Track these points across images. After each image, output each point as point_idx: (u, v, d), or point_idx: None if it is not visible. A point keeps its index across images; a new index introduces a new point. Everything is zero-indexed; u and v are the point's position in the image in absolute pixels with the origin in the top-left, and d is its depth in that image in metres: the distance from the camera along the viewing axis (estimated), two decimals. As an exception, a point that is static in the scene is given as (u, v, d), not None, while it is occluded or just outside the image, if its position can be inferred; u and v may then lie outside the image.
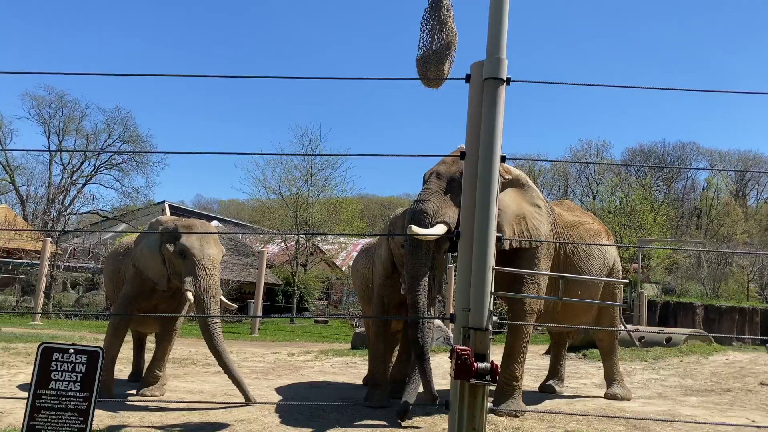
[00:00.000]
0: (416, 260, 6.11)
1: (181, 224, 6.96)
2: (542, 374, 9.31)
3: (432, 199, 6.12)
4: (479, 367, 3.10)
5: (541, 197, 6.99)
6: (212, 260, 6.69)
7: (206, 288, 6.55)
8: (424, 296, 6.07)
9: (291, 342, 17.03)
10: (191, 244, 6.64)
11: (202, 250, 6.66)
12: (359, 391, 7.95)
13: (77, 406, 2.97)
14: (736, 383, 9.61)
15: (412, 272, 6.10)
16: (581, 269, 7.18)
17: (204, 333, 6.47)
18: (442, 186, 6.19)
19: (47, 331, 15.76)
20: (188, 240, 6.67)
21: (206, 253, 6.67)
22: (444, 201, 6.04)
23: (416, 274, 6.09)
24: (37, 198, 35.49)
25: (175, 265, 6.72)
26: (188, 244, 6.64)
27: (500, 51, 3.42)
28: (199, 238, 6.72)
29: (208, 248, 6.72)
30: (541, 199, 6.96)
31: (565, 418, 6.21)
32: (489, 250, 3.37)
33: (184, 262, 6.63)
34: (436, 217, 6.01)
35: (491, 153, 3.40)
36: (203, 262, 6.60)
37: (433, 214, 6.03)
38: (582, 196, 52.02)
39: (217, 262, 6.80)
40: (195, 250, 6.62)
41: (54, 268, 22.67)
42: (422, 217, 5.99)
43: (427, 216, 6.01)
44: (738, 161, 54.70)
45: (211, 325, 6.38)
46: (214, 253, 6.75)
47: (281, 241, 31.50)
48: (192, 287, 6.52)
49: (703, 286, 33.86)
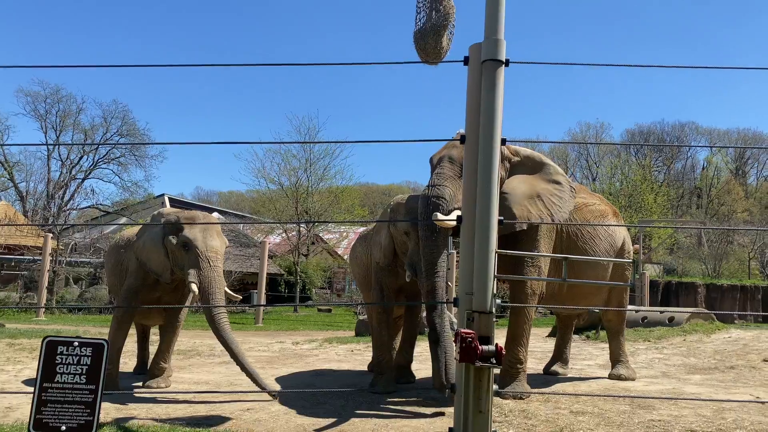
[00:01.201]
0: (434, 246, 6.02)
1: (183, 216, 6.94)
2: (546, 357, 9.34)
3: (447, 184, 6.04)
4: (484, 350, 3.11)
5: (561, 173, 6.83)
6: (215, 252, 6.68)
7: (210, 280, 6.53)
8: (442, 282, 6.03)
9: (295, 331, 17.08)
10: (194, 236, 6.63)
11: (206, 242, 6.65)
12: (364, 378, 7.97)
13: (84, 399, 2.98)
14: (739, 360, 9.64)
15: (430, 258, 6.01)
16: (586, 251, 7.12)
17: (211, 325, 6.47)
18: (455, 171, 6.08)
19: (51, 326, 15.80)
20: (191, 232, 6.65)
21: (209, 245, 6.65)
22: (459, 186, 5.89)
23: (434, 260, 6.01)
24: (36, 194, 35.41)
25: (178, 257, 6.71)
26: (191, 236, 6.63)
27: (498, 32, 3.38)
28: (202, 230, 6.70)
29: (211, 240, 6.70)
30: (562, 175, 6.79)
31: (570, 399, 6.24)
32: (491, 234, 3.36)
33: (187, 254, 6.63)
34: (453, 202, 5.93)
35: (491, 136, 3.38)
36: (207, 253, 6.59)
37: (450, 199, 5.95)
38: (582, 179, 51.94)
39: (221, 253, 6.79)
40: (198, 242, 6.61)
41: (56, 264, 22.70)
42: (440, 203, 5.92)
43: (445, 201, 5.93)
44: (737, 139, 54.54)
45: (217, 317, 6.37)
46: (217, 245, 6.74)
47: (282, 231, 31.51)
48: (196, 279, 6.52)
49: (704, 265, 33.91)
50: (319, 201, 29.82)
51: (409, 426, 5.39)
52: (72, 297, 22.96)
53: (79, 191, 34.03)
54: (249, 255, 27.84)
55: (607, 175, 45.70)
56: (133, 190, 34.65)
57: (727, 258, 34.76)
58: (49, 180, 34.31)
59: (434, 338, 5.96)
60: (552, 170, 6.77)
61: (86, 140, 33.96)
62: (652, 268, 31.86)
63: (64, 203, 32.68)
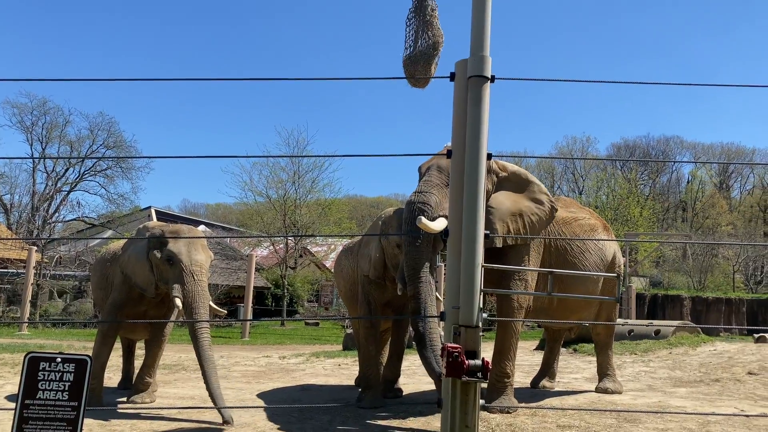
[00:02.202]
0: (417, 253, 6.03)
1: (168, 230, 6.91)
2: (533, 370, 9.35)
3: (434, 191, 6.07)
4: (470, 365, 3.11)
5: (545, 192, 6.93)
6: (200, 266, 6.64)
7: (194, 294, 6.49)
8: (426, 287, 6.01)
9: (282, 345, 16.98)
10: (178, 250, 6.59)
11: (190, 256, 6.60)
12: (351, 393, 7.94)
13: (66, 416, 2.94)
14: (725, 373, 9.70)
15: (413, 264, 6.01)
16: (575, 265, 7.16)
17: (192, 339, 6.41)
18: (443, 179, 6.11)
19: (34, 340, 15.58)
20: (175, 246, 6.61)
21: (194, 259, 6.61)
22: (445, 195, 5.95)
23: (417, 266, 6.01)
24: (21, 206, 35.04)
25: (162, 271, 6.66)
26: (175, 250, 6.59)
27: (484, 48, 3.42)
28: (187, 244, 6.67)
29: (195, 254, 6.66)
30: (545, 194, 6.89)
31: (557, 413, 6.24)
32: (477, 248, 3.37)
33: (171, 268, 6.58)
34: (438, 210, 5.96)
35: (477, 151, 3.41)
36: (191, 268, 6.55)
37: (435, 206, 5.97)
38: (568, 192, 52.26)
39: (205, 267, 6.75)
40: (182, 256, 6.57)
41: (40, 277, 22.42)
42: (425, 209, 5.93)
43: (430, 208, 5.95)
44: (721, 153, 55.22)
45: (198, 332, 6.30)
46: (201, 259, 6.70)
47: (270, 244, 31.37)
48: (180, 294, 6.47)
49: (690, 277, 34.18)
50: (307, 214, 29.75)
51: (396, 441, 5.36)
52: (56, 311, 22.66)
53: (65, 204, 33.74)
54: (236, 268, 27.66)
55: (593, 188, 46.03)
56: (120, 203, 34.35)
57: (712, 271, 35.07)
58: (34, 192, 33.97)
59: (418, 339, 5.93)
60: (536, 189, 6.88)
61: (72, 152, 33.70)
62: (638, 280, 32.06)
63: (49, 216, 32.37)
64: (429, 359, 5.78)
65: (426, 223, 5.54)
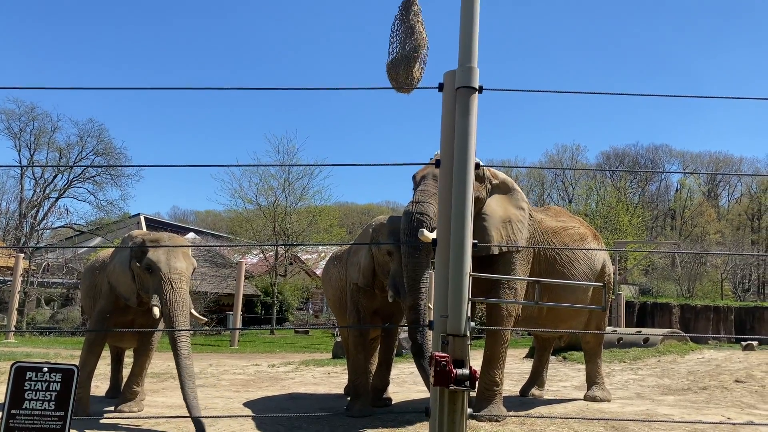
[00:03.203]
0: (416, 263, 6.07)
1: (148, 239, 6.87)
2: (522, 378, 9.37)
3: (431, 201, 6.11)
4: (458, 374, 3.11)
5: (526, 200, 7.08)
6: (179, 274, 6.55)
7: (172, 302, 6.39)
8: (425, 298, 6.07)
9: (271, 353, 16.91)
10: (157, 258, 6.51)
11: (169, 264, 6.52)
12: (340, 402, 7.92)
13: (52, 426, 2.92)
14: (712, 381, 9.77)
15: (413, 275, 6.05)
16: (564, 274, 7.21)
17: (172, 347, 6.34)
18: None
19: (21, 349, 15.43)
20: (155, 254, 6.53)
21: (173, 267, 6.53)
22: None
23: (417, 276, 6.06)
24: (8, 213, 34.76)
25: (143, 280, 6.60)
26: (154, 259, 6.51)
27: (472, 60, 3.45)
28: (166, 252, 6.58)
29: (175, 262, 6.58)
30: (526, 203, 7.04)
31: (545, 422, 6.26)
32: (465, 257, 3.39)
33: (151, 276, 6.51)
34: (436, 220, 6.00)
35: (465, 161, 3.43)
36: (169, 276, 6.47)
37: (434, 216, 6.00)
38: (558, 200, 52.53)
39: (186, 275, 6.65)
40: (161, 264, 6.49)
41: (27, 284, 22.24)
42: (423, 219, 5.97)
43: (429, 218, 5.99)
44: (709, 162, 55.73)
45: (177, 340, 6.21)
46: (181, 267, 6.61)
47: (260, 252, 31.27)
48: (158, 302, 6.40)
49: (678, 286, 34.38)
50: (297, 221, 29.70)
51: (384, 450, 5.36)
52: (43, 318, 22.45)
53: (53, 210, 33.49)
54: (225, 276, 27.54)
55: (582, 196, 46.34)
56: (109, 210, 34.13)
57: (701, 279, 35.31)
58: (22, 199, 33.72)
59: (416, 350, 6.01)
60: (519, 197, 7.03)
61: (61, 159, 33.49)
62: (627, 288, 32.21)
63: (37, 222, 32.13)
64: (427, 371, 5.81)
65: (427, 235, 5.58)
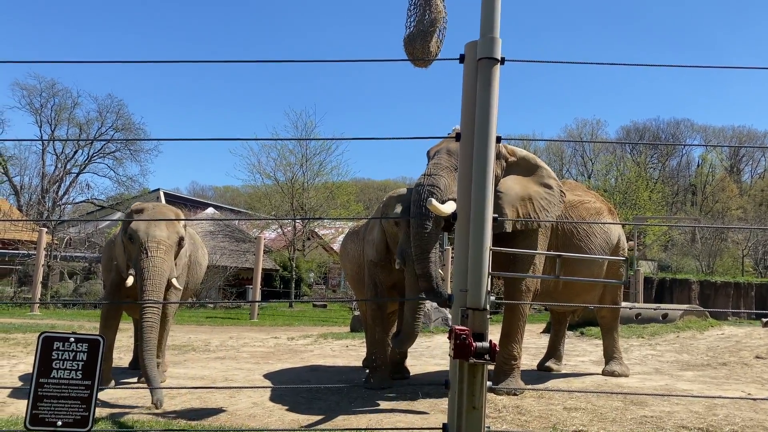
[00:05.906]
0: (425, 234, 6.01)
1: (134, 209, 6.91)
2: (540, 353, 9.39)
3: (443, 174, 6.06)
4: (478, 347, 3.12)
5: (553, 176, 6.94)
6: (157, 242, 6.47)
7: (144, 269, 6.33)
8: (435, 266, 6.04)
9: (290, 326, 17.10)
10: (137, 227, 6.48)
11: (147, 232, 6.46)
12: (359, 374, 8.01)
13: (80, 394, 2.99)
14: (732, 357, 9.71)
15: (422, 244, 5.98)
16: (581, 248, 7.18)
17: (138, 318, 6.33)
18: (452, 162, 6.07)
19: (46, 321, 15.77)
20: (135, 223, 6.51)
21: (151, 235, 6.45)
22: (454, 178, 5.92)
23: (426, 246, 5.99)
24: (31, 188, 35.28)
25: (129, 250, 6.60)
26: (134, 227, 6.48)
27: (494, 30, 3.39)
28: (147, 221, 6.56)
29: (154, 230, 6.50)
30: (554, 179, 6.90)
31: (563, 395, 6.28)
32: (485, 231, 3.38)
33: (132, 245, 6.52)
34: (447, 192, 5.96)
35: (486, 134, 3.40)
36: (147, 244, 6.41)
37: (444, 189, 5.97)
38: (577, 175, 52.00)
39: (164, 243, 6.54)
40: (140, 233, 6.45)
41: (51, 258, 22.64)
42: (434, 191, 5.93)
43: (440, 191, 5.95)
44: (732, 137, 54.73)
45: (144, 308, 6.21)
46: (161, 235, 6.52)
47: (278, 227, 31.46)
48: (133, 270, 6.40)
49: (698, 262, 34.07)
50: (314, 196, 29.78)
51: (403, 421, 5.42)
52: (66, 292, 22.88)
53: (74, 185, 33.94)
54: (244, 250, 27.80)
55: (602, 172, 45.78)
56: (129, 185, 34.55)
57: (721, 255, 34.94)
58: (43, 174, 34.19)
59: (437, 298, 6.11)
60: (545, 173, 6.88)
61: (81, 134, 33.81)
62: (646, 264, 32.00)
63: (59, 197, 32.60)
64: None
65: (436, 205, 5.53)
